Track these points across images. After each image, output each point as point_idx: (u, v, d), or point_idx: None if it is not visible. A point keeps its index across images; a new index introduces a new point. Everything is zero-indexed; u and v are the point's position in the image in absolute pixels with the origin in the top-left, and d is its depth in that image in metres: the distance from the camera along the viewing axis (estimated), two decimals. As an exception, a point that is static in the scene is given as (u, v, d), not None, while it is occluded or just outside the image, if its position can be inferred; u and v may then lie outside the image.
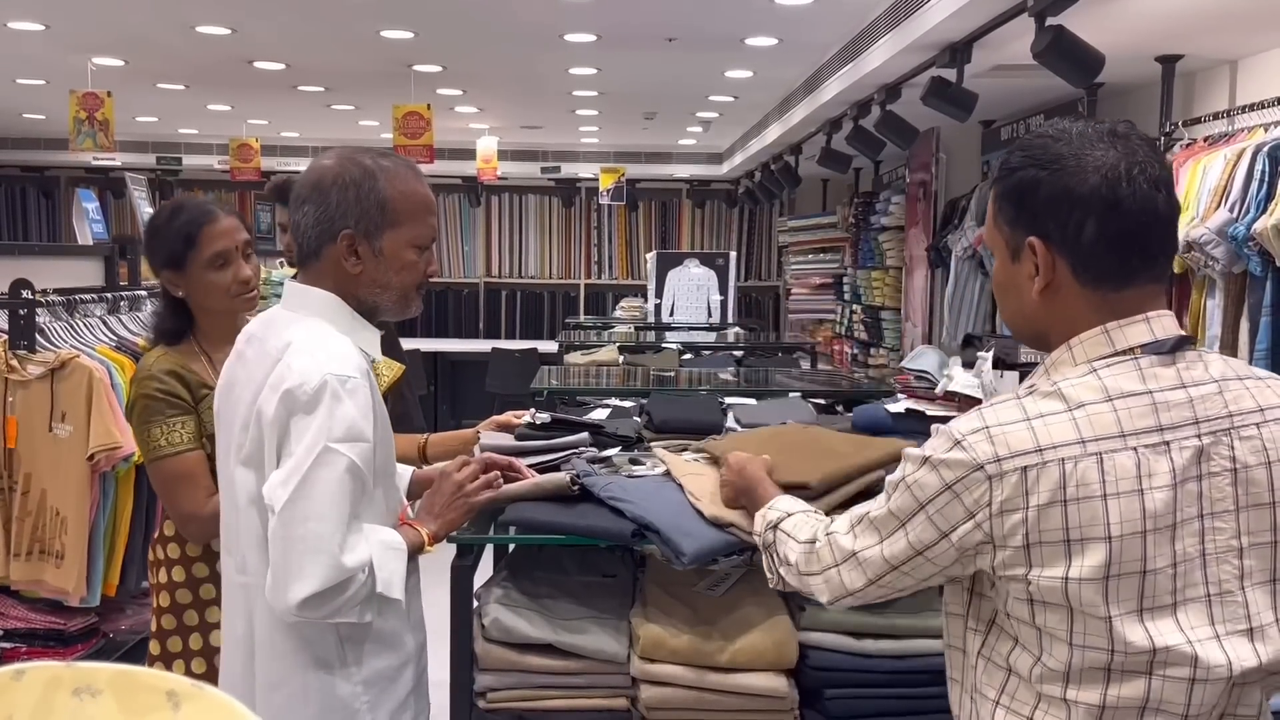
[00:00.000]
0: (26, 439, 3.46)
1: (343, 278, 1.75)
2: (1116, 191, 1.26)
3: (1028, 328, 1.38)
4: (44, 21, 5.89)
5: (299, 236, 1.76)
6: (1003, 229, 1.35)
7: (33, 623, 3.65)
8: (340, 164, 1.74)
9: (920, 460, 1.31)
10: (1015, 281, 1.35)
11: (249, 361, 1.76)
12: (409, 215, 1.75)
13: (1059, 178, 1.28)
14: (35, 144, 11.33)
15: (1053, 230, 1.29)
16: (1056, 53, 3.59)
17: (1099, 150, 1.28)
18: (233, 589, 1.78)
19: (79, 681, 0.59)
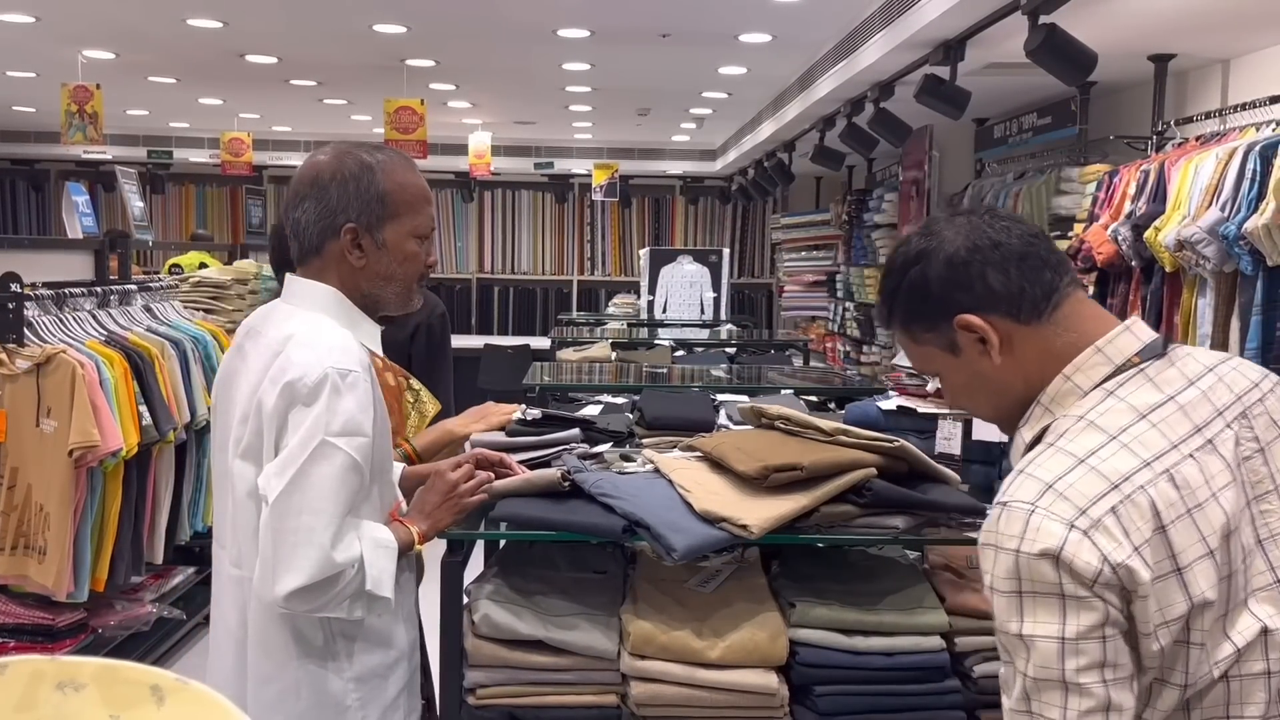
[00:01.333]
0: (14, 433, 3.44)
1: (346, 272, 1.75)
2: (988, 237, 1.29)
3: (1011, 402, 1.32)
4: (34, 13, 5.86)
5: (299, 233, 1.75)
6: (927, 340, 1.34)
7: (20, 618, 3.63)
8: (337, 159, 1.75)
9: (1010, 566, 1.16)
10: (972, 370, 1.32)
11: (248, 354, 1.75)
12: (408, 206, 1.76)
13: (935, 263, 1.30)
14: (25, 137, 11.27)
15: (966, 300, 1.29)
16: (1049, 51, 3.60)
17: (944, 229, 1.32)
18: (226, 582, 1.77)
19: (62, 675, 0.58)
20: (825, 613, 1.90)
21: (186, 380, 4.08)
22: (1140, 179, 3.66)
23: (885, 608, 1.93)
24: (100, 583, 3.64)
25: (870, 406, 2.45)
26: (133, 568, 3.83)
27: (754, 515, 1.80)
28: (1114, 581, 1.14)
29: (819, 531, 1.89)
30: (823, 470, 1.87)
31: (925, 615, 1.92)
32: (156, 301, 4.44)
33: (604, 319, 8.45)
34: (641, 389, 3.47)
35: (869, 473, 1.87)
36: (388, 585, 1.66)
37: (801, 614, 1.90)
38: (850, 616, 1.90)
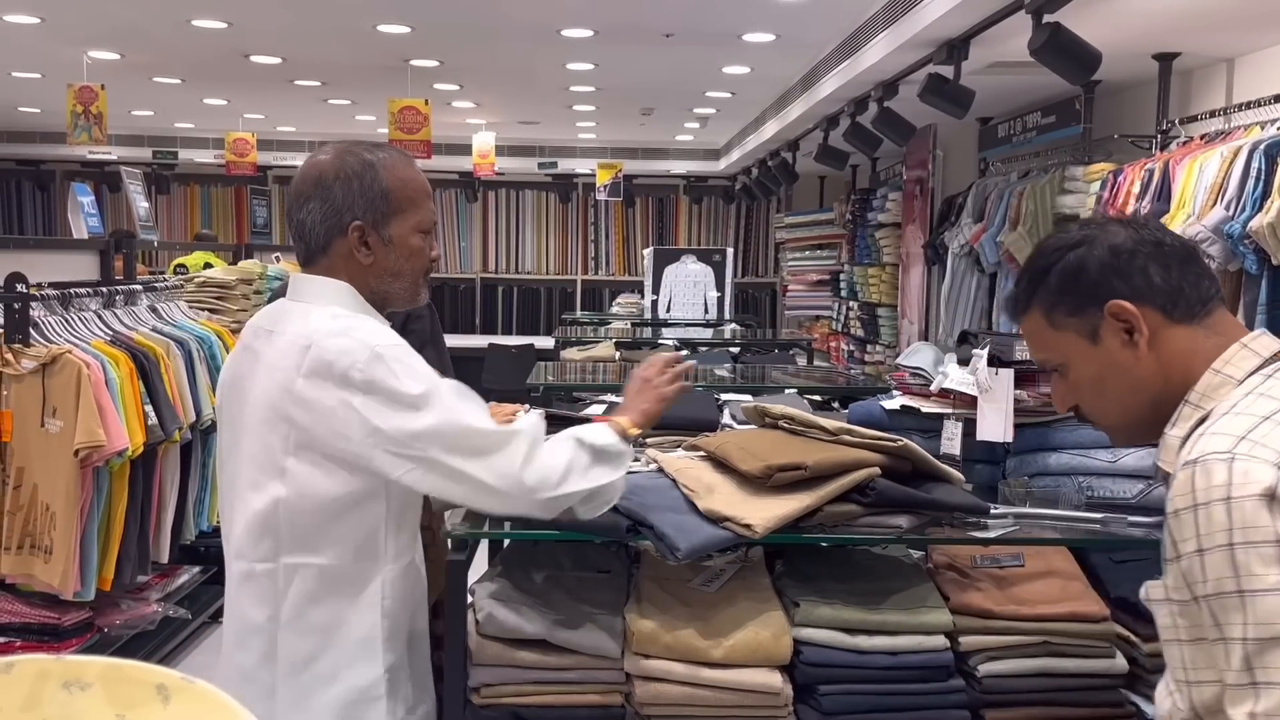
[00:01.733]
0: (20, 433, 3.45)
1: (354, 270, 1.76)
2: (1153, 235, 1.32)
3: (1142, 402, 1.32)
4: (39, 14, 5.88)
5: (305, 234, 1.76)
6: (1068, 323, 1.34)
7: (26, 617, 3.64)
8: (338, 158, 1.76)
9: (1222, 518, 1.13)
10: (1109, 361, 1.32)
11: (260, 354, 1.74)
12: (410, 202, 1.78)
13: (1098, 248, 1.32)
14: (30, 138, 11.30)
15: (1122, 288, 1.30)
16: (1053, 50, 3.60)
17: (1109, 224, 1.37)
18: (250, 579, 1.73)
19: (68, 675, 0.59)
20: (829, 612, 1.90)
21: (192, 380, 4.09)
22: (1145, 178, 3.66)
23: (889, 607, 1.93)
24: (106, 582, 3.65)
25: (874, 406, 2.45)
26: (138, 567, 3.84)
27: (758, 515, 1.80)
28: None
29: (823, 531, 1.89)
30: (826, 470, 1.87)
31: (929, 614, 1.92)
32: (162, 301, 4.45)
33: (608, 319, 8.46)
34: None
35: (873, 472, 1.87)
36: (617, 440, 1.76)
37: (805, 613, 1.90)
38: (854, 616, 1.90)
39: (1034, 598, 1.96)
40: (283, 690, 1.70)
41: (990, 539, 1.96)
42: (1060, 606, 1.94)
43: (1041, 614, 1.93)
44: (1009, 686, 1.92)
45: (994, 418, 2.17)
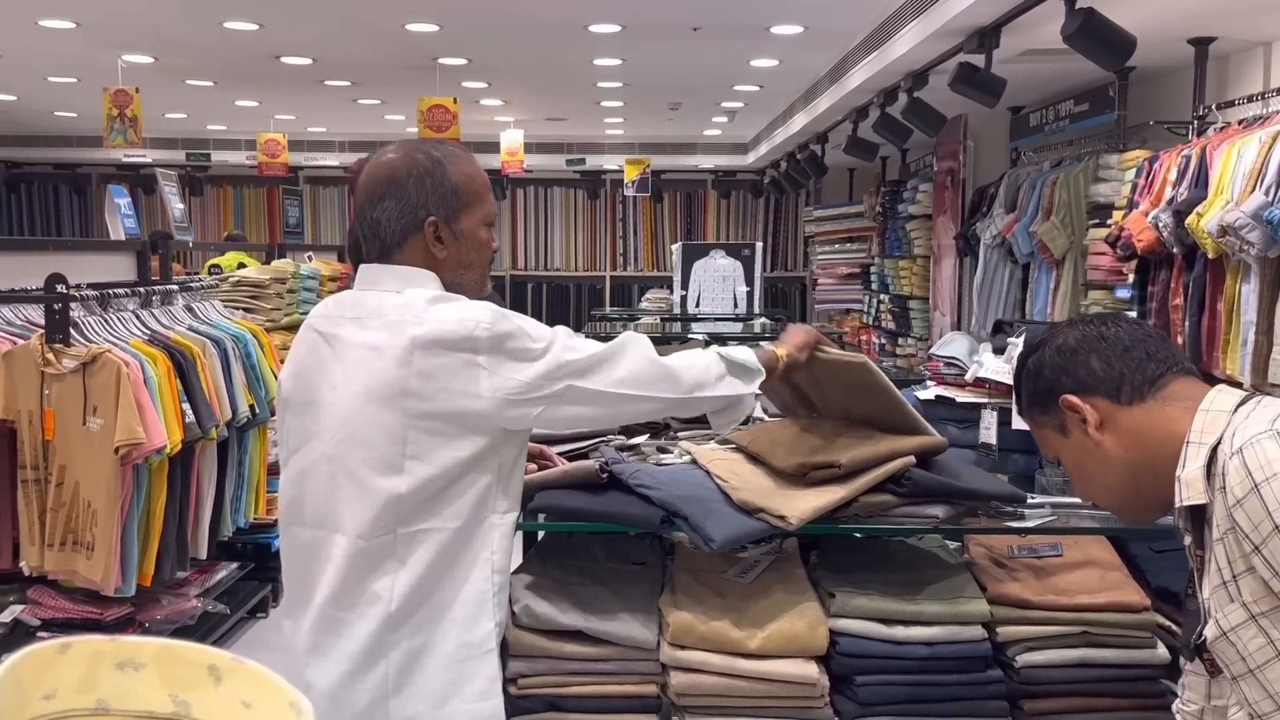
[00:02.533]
0: (62, 432, 3.50)
1: (429, 263, 1.81)
2: (1097, 332, 1.46)
3: (1119, 476, 1.43)
4: (75, 19, 5.96)
5: (380, 231, 1.79)
6: (1043, 421, 1.50)
7: (69, 612, 3.70)
8: (408, 156, 1.81)
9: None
10: (1080, 448, 1.45)
11: (345, 340, 1.76)
12: (476, 196, 1.84)
13: (1049, 351, 1.48)
14: (67, 142, 11.47)
15: (1069, 383, 1.44)
16: (1087, 36, 3.55)
17: (1064, 327, 1.51)
18: (362, 555, 1.72)
19: (122, 655, 0.60)
20: (865, 602, 1.89)
21: (228, 378, 4.13)
22: (1181, 164, 3.61)
23: (925, 597, 1.92)
24: (146, 578, 3.70)
25: (909, 396, 2.44)
26: (178, 563, 3.89)
27: (792, 506, 1.80)
28: None
29: (858, 522, 1.88)
30: (860, 465, 1.87)
31: (966, 604, 1.91)
32: (197, 301, 4.50)
33: (637, 314, 8.46)
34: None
35: (908, 461, 1.87)
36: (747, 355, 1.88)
37: (841, 604, 1.90)
38: (890, 606, 1.89)
39: (1073, 587, 1.94)
40: (404, 642, 1.72)
41: (1027, 528, 1.95)
42: (1100, 596, 1.92)
43: (1081, 604, 1.91)
44: (1048, 677, 1.90)
45: (1030, 407, 2.15)
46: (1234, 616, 1.27)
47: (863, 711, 1.87)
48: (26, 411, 3.49)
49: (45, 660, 0.57)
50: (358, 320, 1.76)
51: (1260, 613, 1.25)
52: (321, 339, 1.80)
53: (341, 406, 1.74)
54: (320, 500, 1.78)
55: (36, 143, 11.60)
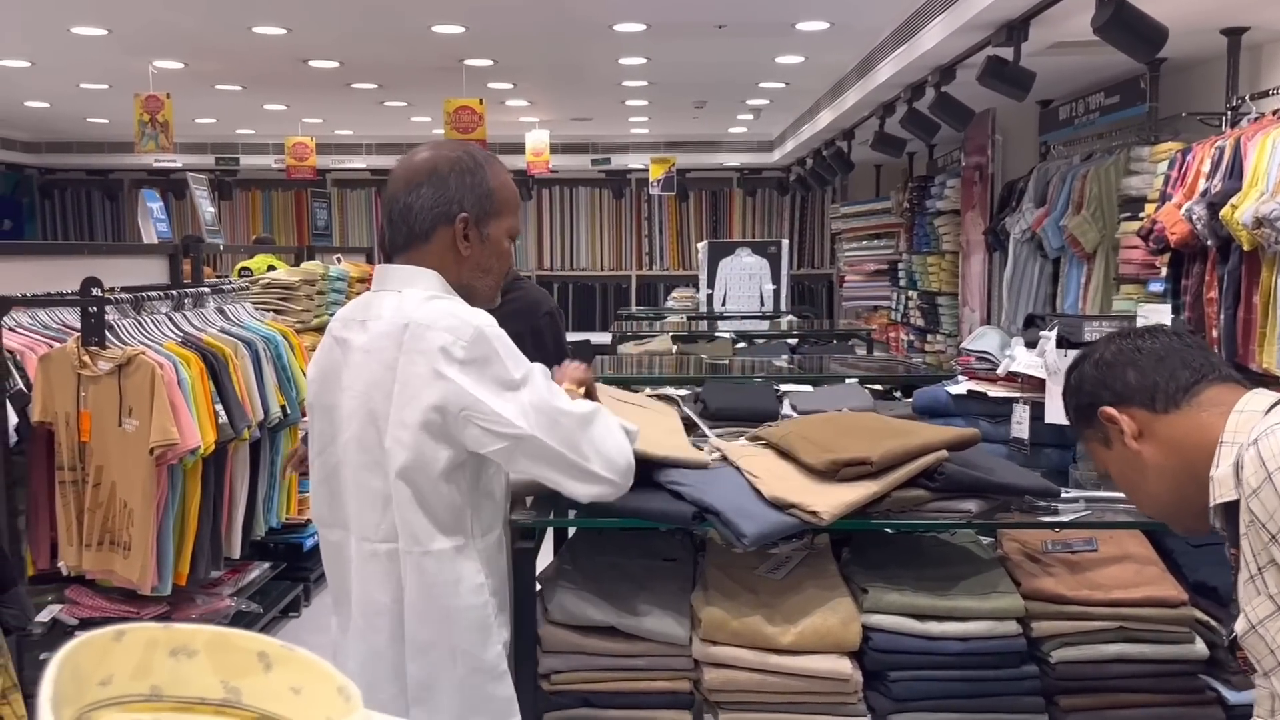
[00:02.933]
0: (98, 433, 3.55)
1: (450, 260, 1.82)
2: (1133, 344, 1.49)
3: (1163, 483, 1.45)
4: (106, 27, 6.03)
5: (410, 218, 1.81)
6: (1089, 437, 1.53)
7: (106, 611, 3.75)
8: (453, 151, 1.85)
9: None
10: (1123, 458, 1.48)
11: (352, 343, 1.79)
12: (508, 205, 1.87)
13: (1087, 365, 1.52)
14: (99, 148, 11.61)
15: (1107, 395, 1.48)
16: (1118, 27, 3.52)
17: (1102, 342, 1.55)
18: (371, 559, 1.78)
19: (176, 643, 0.61)
20: (898, 598, 1.89)
21: (259, 379, 4.17)
22: (1215, 156, 3.57)
23: (959, 593, 1.91)
24: (182, 577, 3.73)
25: (939, 391, 2.43)
26: (212, 562, 3.93)
27: (824, 501, 1.80)
28: None
29: (890, 517, 1.87)
30: (892, 461, 1.86)
31: (1000, 600, 1.90)
32: (228, 303, 4.55)
33: (663, 313, 8.46)
34: (703, 381, 3.47)
35: (940, 456, 1.86)
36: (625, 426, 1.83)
37: (874, 599, 1.89)
38: (923, 602, 1.89)
39: (1109, 582, 1.93)
40: (412, 669, 1.76)
41: (1062, 523, 1.93)
42: (1136, 591, 1.91)
43: (1117, 599, 1.90)
44: (1084, 673, 1.89)
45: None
46: (1261, 609, 1.28)
47: (896, 707, 1.86)
48: (64, 413, 3.54)
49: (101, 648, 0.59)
50: (363, 323, 1.80)
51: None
52: (336, 343, 1.84)
53: (348, 409, 1.78)
54: (340, 502, 1.83)
55: (69, 149, 11.76)
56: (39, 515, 3.66)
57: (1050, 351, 2.17)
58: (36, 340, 3.73)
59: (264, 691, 0.61)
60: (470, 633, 1.74)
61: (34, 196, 12.44)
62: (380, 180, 12.10)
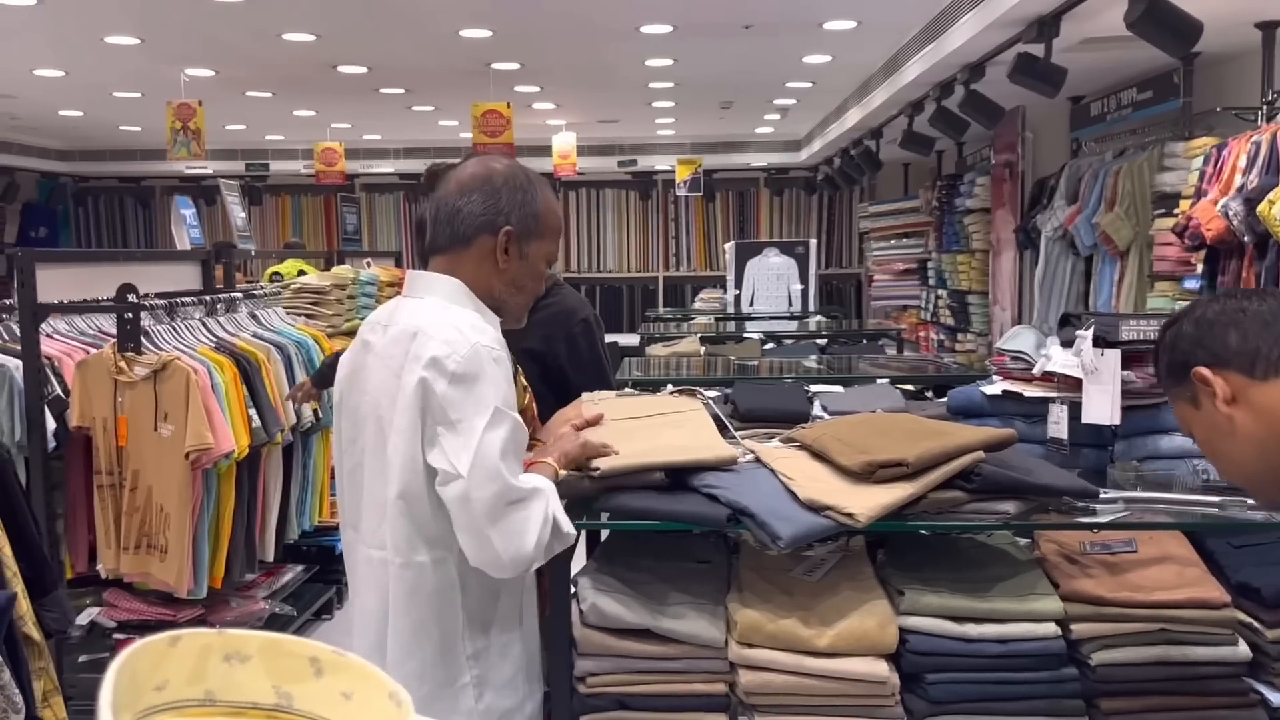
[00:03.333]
0: (135, 438, 3.59)
1: (486, 270, 1.84)
2: (1237, 305, 1.44)
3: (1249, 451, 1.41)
4: (139, 36, 6.11)
5: (456, 220, 1.83)
6: (1178, 395, 1.48)
7: (144, 614, 3.80)
8: (509, 168, 1.87)
9: None
10: (1211, 422, 1.43)
11: (372, 347, 1.83)
12: (552, 231, 1.90)
13: (1186, 323, 1.47)
14: (132, 155, 11.76)
15: (1204, 356, 1.42)
16: (1151, 22, 3.48)
17: (1204, 300, 1.52)
18: (363, 565, 1.84)
19: (229, 648, 0.61)
20: (935, 600, 1.87)
21: (291, 383, 4.20)
22: (1251, 151, 3.52)
23: (997, 594, 1.89)
24: (217, 580, 3.77)
25: (974, 391, 2.41)
26: (246, 565, 3.97)
27: (860, 503, 1.78)
28: None
29: (926, 518, 1.86)
30: (929, 461, 1.84)
31: (1039, 602, 1.88)
32: (260, 308, 4.59)
33: (690, 314, 8.44)
34: (733, 382, 3.46)
35: (977, 457, 1.84)
36: (567, 520, 1.75)
37: (911, 601, 1.88)
38: (961, 604, 1.87)
39: (1149, 584, 1.90)
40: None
41: (1100, 524, 1.91)
42: (1178, 592, 1.88)
43: (1158, 600, 1.87)
44: (1125, 675, 1.87)
45: (1100, 400, 2.12)
46: None
47: (934, 710, 1.85)
48: (101, 418, 3.58)
49: (157, 653, 0.59)
50: (385, 328, 1.83)
51: None
52: (361, 345, 1.88)
53: (365, 413, 1.81)
54: (354, 503, 1.87)
55: (103, 157, 11.91)
56: (77, 519, 3.71)
57: (1087, 350, 2.15)
58: (74, 346, 3.79)
59: (315, 697, 0.62)
60: (439, 650, 1.77)
61: (68, 204, 12.61)
62: (409, 185, 12.16)
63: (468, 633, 1.78)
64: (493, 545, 1.67)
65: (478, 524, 1.67)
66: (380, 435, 1.77)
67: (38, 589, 2.35)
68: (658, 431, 2.09)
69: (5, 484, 2.34)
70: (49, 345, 3.69)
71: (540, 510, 1.70)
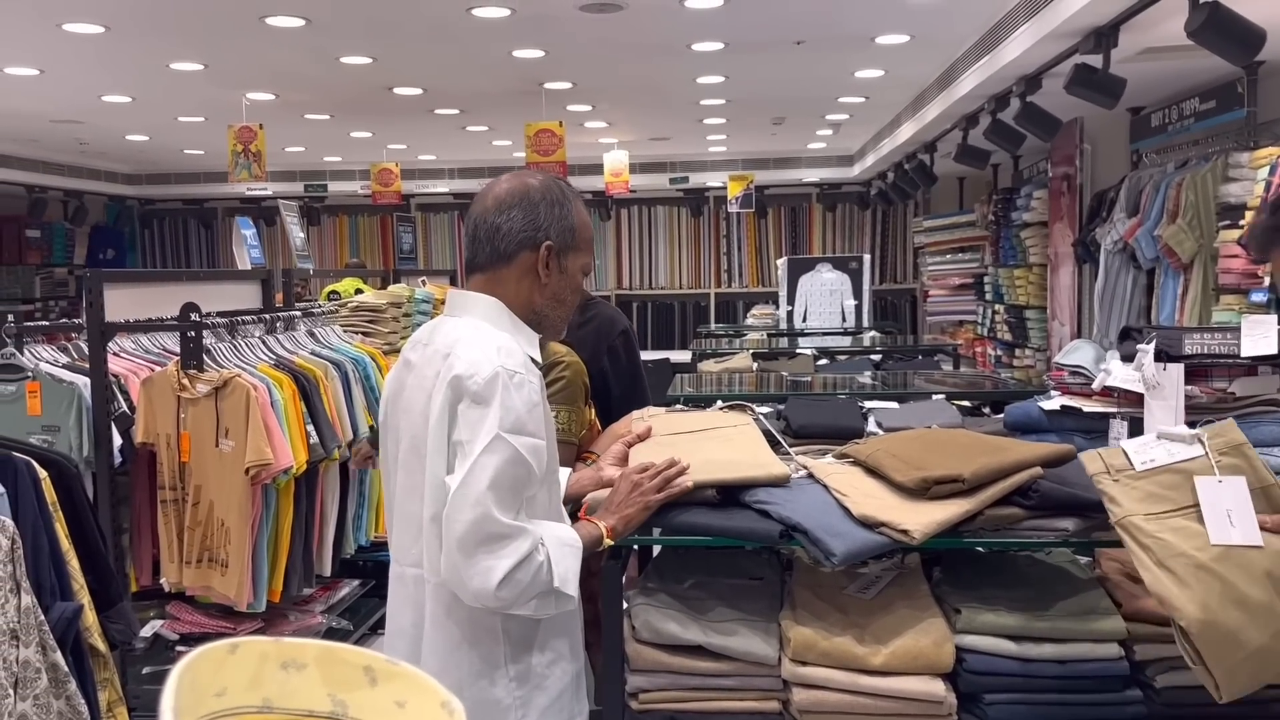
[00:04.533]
0: (197, 453, 3.66)
1: (527, 285, 1.86)
2: None
3: None
4: (203, 62, 6.27)
5: (497, 237, 1.85)
6: None
7: (205, 627, 3.86)
8: (544, 183, 1.89)
9: None
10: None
11: (414, 365, 1.86)
12: (587, 243, 1.92)
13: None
14: (195, 178, 12.05)
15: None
16: (1213, 30, 3.41)
17: None
18: (402, 581, 1.86)
19: (286, 656, 0.62)
20: (993, 619, 1.84)
21: (349, 400, 4.26)
22: (1319, 160, 3.43)
23: (1056, 614, 1.86)
24: (275, 594, 3.82)
25: (1032, 407, 2.37)
26: (304, 580, 4.01)
27: (915, 519, 1.77)
28: None
29: (983, 535, 1.83)
30: (986, 478, 1.82)
31: (1100, 622, 1.84)
32: (318, 326, 4.66)
33: (743, 330, 8.42)
34: (785, 398, 3.44)
35: (1035, 473, 1.81)
36: (573, 584, 1.71)
37: (968, 620, 1.85)
38: (1019, 623, 1.84)
39: (1216, 604, 1.85)
40: None
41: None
42: (1246, 613, 1.83)
43: (1225, 621, 1.82)
44: (1192, 699, 1.81)
45: (1163, 415, 2.07)
46: None
47: (993, 731, 1.81)
48: (165, 435, 3.66)
49: (217, 660, 0.60)
50: (425, 346, 1.85)
51: None
52: (403, 364, 1.90)
53: (403, 430, 1.84)
54: (394, 522, 1.88)
55: (168, 180, 12.23)
56: (142, 533, 3.79)
57: (1148, 365, 2.10)
58: (139, 364, 3.88)
59: (370, 705, 0.63)
60: (476, 668, 1.76)
61: (134, 226, 12.96)
62: (463, 204, 12.31)
63: (509, 653, 1.78)
64: (457, 570, 1.66)
65: (449, 545, 1.67)
66: (416, 454, 1.78)
67: (103, 601, 2.41)
68: (708, 447, 2.09)
69: (74, 499, 2.40)
70: (116, 363, 3.78)
71: (520, 552, 1.65)
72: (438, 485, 1.73)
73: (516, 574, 1.65)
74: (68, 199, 11.34)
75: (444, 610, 1.77)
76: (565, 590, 1.70)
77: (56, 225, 11.50)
